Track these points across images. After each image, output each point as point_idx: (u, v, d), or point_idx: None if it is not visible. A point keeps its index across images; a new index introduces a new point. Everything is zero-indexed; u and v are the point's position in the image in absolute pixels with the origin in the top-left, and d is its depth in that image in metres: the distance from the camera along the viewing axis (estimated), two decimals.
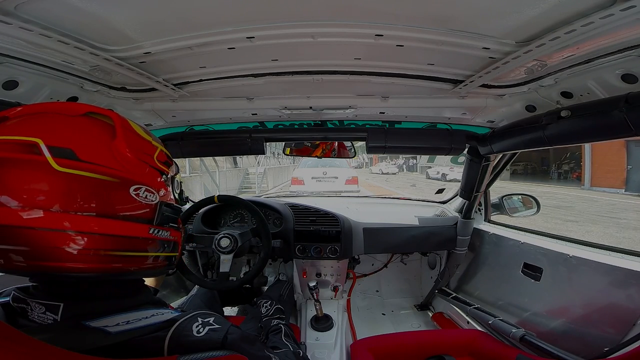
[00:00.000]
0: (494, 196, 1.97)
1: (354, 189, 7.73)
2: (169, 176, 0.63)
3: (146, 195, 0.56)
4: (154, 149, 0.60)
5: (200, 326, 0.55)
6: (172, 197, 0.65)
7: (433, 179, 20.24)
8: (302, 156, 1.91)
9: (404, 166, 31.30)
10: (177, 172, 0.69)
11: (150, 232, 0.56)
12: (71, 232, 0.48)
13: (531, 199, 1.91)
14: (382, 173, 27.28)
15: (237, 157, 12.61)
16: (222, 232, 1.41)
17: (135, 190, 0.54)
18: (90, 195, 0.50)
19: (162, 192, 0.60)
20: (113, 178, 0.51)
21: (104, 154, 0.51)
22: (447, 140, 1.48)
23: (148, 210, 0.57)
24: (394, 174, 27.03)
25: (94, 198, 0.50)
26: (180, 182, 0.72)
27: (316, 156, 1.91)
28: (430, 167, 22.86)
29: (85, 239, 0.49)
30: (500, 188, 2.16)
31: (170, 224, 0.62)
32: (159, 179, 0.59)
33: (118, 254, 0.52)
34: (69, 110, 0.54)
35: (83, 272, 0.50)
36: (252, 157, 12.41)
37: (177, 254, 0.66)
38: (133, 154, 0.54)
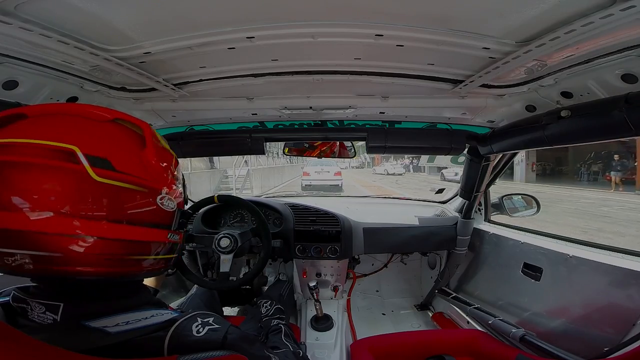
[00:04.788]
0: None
1: (339, 178, 13.02)
2: (180, 181, 0.65)
3: (168, 203, 0.58)
4: (171, 157, 0.62)
5: (199, 326, 0.55)
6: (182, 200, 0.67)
7: (450, 180, 17.01)
8: (301, 156, 1.92)
9: (410, 166, 29.42)
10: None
11: (169, 236, 0.60)
12: (105, 239, 0.49)
13: (531, 199, 1.91)
14: (388, 174, 25.80)
15: (214, 157, 11.38)
16: (222, 232, 1.41)
17: (161, 199, 0.57)
18: (124, 205, 0.51)
19: (179, 198, 0.62)
20: (143, 188, 0.54)
21: (136, 164, 0.53)
22: (447, 140, 1.48)
23: (168, 215, 0.59)
24: (401, 174, 25.74)
25: (127, 207, 0.52)
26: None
27: (315, 156, 1.92)
28: (446, 168, 20.19)
29: (117, 245, 0.51)
30: (539, 194, 2.04)
31: (180, 228, 0.65)
32: (176, 186, 0.62)
33: (137, 258, 0.54)
34: (97, 115, 0.54)
35: (102, 276, 0.51)
36: (232, 156, 10.25)
37: (176, 254, 0.68)
38: (159, 164, 0.56)
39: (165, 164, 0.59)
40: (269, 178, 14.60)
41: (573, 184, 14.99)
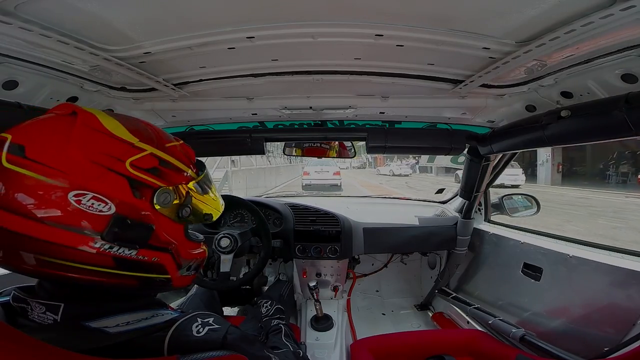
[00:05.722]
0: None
1: (338, 178, 13.58)
2: (152, 186, 0.54)
3: (92, 203, 0.48)
4: (131, 152, 0.52)
5: (199, 326, 0.55)
6: (153, 210, 0.54)
7: None
8: (324, 156, 1.88)
9: (417, 166, 26.19)
10: (187, 181, 0.60)
11: (96, 245, 0.49)
12: (15, 232, 0.46)
13: (531, 199, 1.91)
14: (393, 174, 23.60)
15: None
16: (222, 232, 1.41)
17: (76, 196, 0.47)
18: (31, 196, 0.46)
19: (124, 203, 0.50)
20: (53, 180, 0.46)
21: (53, 153, 0.48)
22: (447, 140, 1.48)
23: (99, 221, 0.49)
24: (407, 175, 23.53)
25: (34, 199, 0.46)
26: (189, 195, 0.60)
27: (317, 156, 1.91)
28: (461, 169, 18.03)
29: (24, 241, 0.46)
30: (584, 201, 1.85)
31: (129, 242, 0.52)
32: (122, 188, 0.50)
33: (64, 263, 0.48)
34: (59, 109, 0.54)
35: (35, 275, 0.50)
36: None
37: (168, 276, 0.58)
38: (84, 155, 0.49)
39: (105, 157, 0.50)
40: (259, 179, 12.54)
41: (603, 186, 12.97)
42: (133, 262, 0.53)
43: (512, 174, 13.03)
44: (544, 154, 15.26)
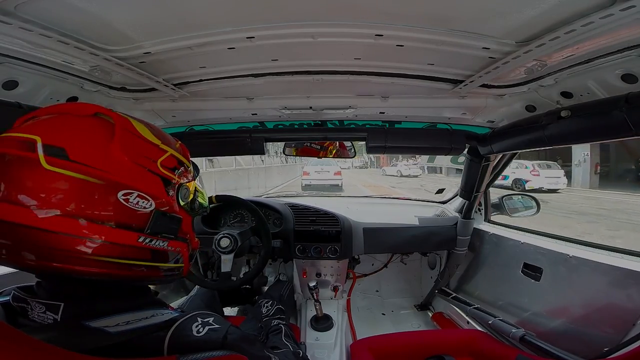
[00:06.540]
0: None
1: (339, 178, 13.31)
2: (176, 184, 0.60)
3: (138, 201, 0.52)
4: (159, 154, 0.58)
5: (199, 326, 0.55)
6: (178, 205, 0.60)
7: (503, 187, 10.64)
8: (317, 157, 1.90)
9: (425, 167, 24.06)
10: (193, 179, 0.66)
11: (140, 240, 0.53)
12: (57, 232, 0.47)
13: (532, 199, 1.91)
14: (402, 175, 22.02)
15: None
16: (222, 232, 1.41)
17: (124, 195, 0.51)
18: (77, 197, 0.48)
19: (160, 200, 0.56)
20: (100, 180, 0.49)
21: (97, 155, 0.50)
22: (447, 140, 1.48)
23: (141, 217, 0.53)
24: (416, 176, 21.74)
25: (80, 200, 0.48)
26: (196, 190, 0.68)
27: (317, 157, 1.91)
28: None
29: (70, 240, 0.48)
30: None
31: (165, 235, 0.57)
32: (158, 186, 0.56)
33: (105, 260, 0.50)
34: (79, 111, 0.54)
35: (72, 274, 0.49)
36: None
37: (182, 265, 0.63)
38: (129, 157, 0.52)
39: (143, 159, 0.54)
40: (239, 182, 10.94)
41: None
42: (164, 253, 0.58)
43: (553, 177, 11.30)
44: (580, 153, 12.67)
